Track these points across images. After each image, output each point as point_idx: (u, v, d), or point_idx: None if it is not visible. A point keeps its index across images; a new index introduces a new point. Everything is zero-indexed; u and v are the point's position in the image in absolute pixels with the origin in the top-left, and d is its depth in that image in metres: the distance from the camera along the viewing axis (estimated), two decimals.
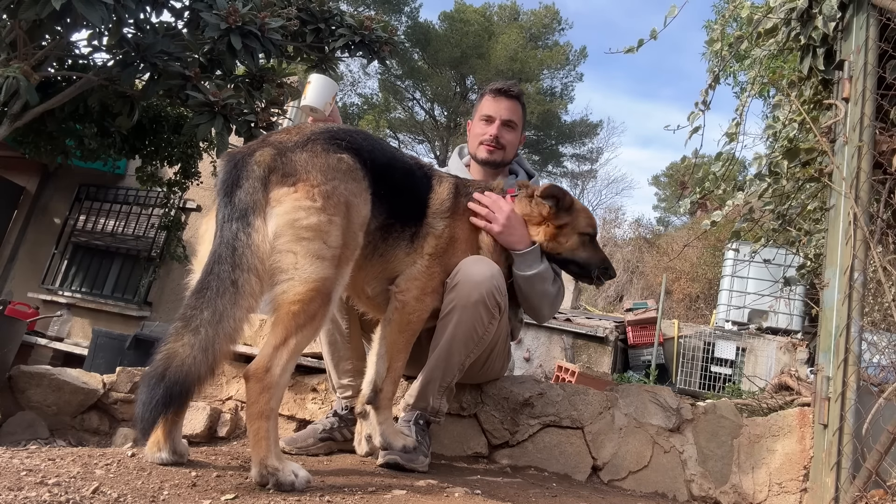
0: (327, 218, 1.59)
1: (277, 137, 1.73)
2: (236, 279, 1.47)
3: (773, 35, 2.59)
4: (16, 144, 6.09)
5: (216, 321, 1.43)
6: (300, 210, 1.56)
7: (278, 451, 1.51)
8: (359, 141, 1.84)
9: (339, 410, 2.30)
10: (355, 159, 1.75)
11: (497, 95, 2.57)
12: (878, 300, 2.22)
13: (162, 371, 1.40)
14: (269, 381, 1.47)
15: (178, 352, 1.42)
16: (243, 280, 1.48)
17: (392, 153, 2.02)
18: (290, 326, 1.51)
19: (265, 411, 1.47)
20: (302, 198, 1.57)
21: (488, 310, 2.04)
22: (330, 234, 1.59)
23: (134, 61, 4.42)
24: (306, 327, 1.54)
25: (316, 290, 1.54)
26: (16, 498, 1.16)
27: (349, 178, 1.70)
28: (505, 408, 2.50)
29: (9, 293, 8.89)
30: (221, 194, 1.57)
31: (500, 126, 2.51)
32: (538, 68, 23.82)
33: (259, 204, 1.55)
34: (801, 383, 3.49)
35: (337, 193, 1.63)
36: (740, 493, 2.28)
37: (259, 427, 1.46)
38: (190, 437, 2.55)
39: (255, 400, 1.47)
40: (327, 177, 1.63)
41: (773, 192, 2.63)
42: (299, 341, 1.53)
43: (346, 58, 6.55)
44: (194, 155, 7.63)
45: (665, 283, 10.27)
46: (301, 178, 1.60)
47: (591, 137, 26.34)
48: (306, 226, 1.56)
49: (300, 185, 1.59)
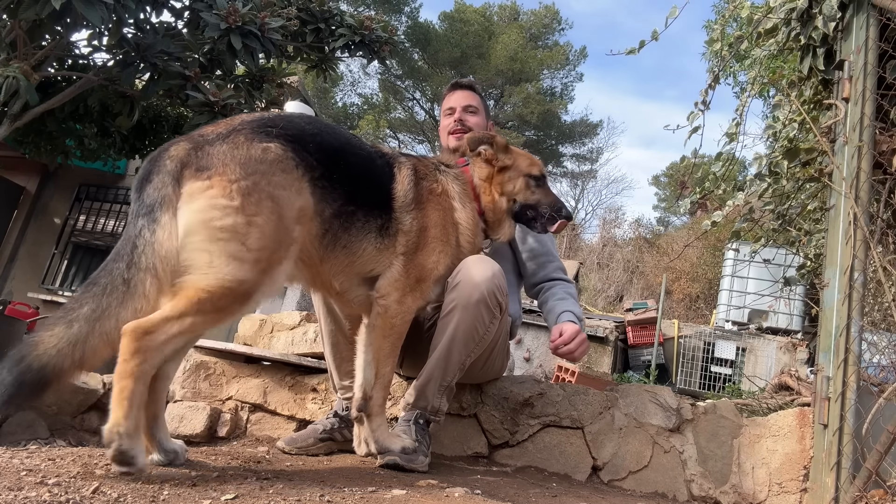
0: (246, 219, 1.49)
1: (202, 130, 1.63)
2: (129, 278, 1.41)
3: (773, 35, 2.59)
4: (16, 144, 6.09)
5: (94, 318, 1.38)
6: (214, 209, 1.47)
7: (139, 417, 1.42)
8: (298, 126, 1.74)
9: (339, 411, 2.30)
10: (287, 146, 1.63)
11: (452, 90, 2.75)
12: (878, 300, 2.22)
13: (21, 356, 1.35)
14: (146, 344, 1.39)
15: (44, 341, 1.37)
16: (137, 280, 1.41)
17: (347, 138, 1.93)
18: (192, 307, 1.44)
19: (133, 371, 1.38)
20: (217, 195, 1.47)
21: (489, 309, 2.04)
22: (249, 235, 1.50)
23: (134, 61, 4.42)
24: (209, 315, 1.46)
25: (230, 290, 1.47)
26: (16, 498, 1.16)
27: (276, 170, 1.58)
28: (505, 408, 2.50)
29: (9, 293, 8.90)
30: (134, 190, 1.51)
31: (461, 111, 2.66)
32: (538, 68, 23.84)
33: (167, 199, 1.46)
34: (801, 383, 3.49)
35: (259, 189, 1.52)
36: (740, 493, 2.28)
37: (123, 386, 1.38)
38: (190, 437, 2.55)
39: (127, 359, 1.38)
40: (248, 170, 1.52)
41: (773, 192, 2.63)
42: (195, 323, 1.45)
43: (346, 58, 6.56)
44: None
45: (665, 283, 10.27)
46: (217, 171, 1.50)
47: (591, 137, 26.36)
48: (221, 227, 1.47)
49: (216, 180, 1.49)
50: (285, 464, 1.95)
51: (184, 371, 2.75)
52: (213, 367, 2.76)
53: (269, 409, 2.68)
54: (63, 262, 9.36)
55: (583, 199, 28.12)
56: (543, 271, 2.60)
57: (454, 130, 2.64)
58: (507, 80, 23.25)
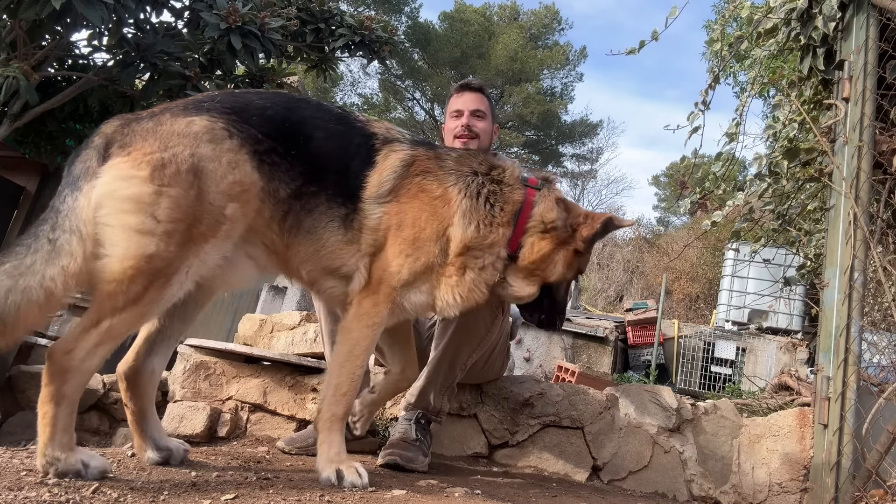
0: (154, 188, 1.42)
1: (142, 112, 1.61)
2: (55, 239, 1.40)
3: (773, 35, 2.59)
4: (16, 144, 6.09)
5: (17, 274, 1.36)
6: (119, 180, 1.42)
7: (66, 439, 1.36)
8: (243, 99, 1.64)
9: None
10: (218, 118, 1.54)
11: (461, 91, 2.65)
12: (878, 300, 2.22)
13: None
14: (66, 365, 1.36)
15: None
16: (63, 241, 1.39)
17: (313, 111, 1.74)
18: (103, 307, 1.39)
19: (54, 395, 1.35)
20: (127, 167, 1.43)
21: (491, 309, 2.04)
22: (158, 206, 1.41)
23: (134, 61, 4.42)
24: (126, 310, 1.39)
25: (136, 268, 1.38)
26: (16, 498, 1.16)
27: (201, 142, 1.50)
28: (505, 408, 2.50)
29: None
30: (66, 168, 1.51)
31: (469, 116, 2.57)
32: (538, 68, 23.82)
33: (90, 170, 1.46)
34: (801, 383, 3.49)
35: (177, 160, 1.45)
36: (740, 493, 2.28)
37: (45, 412, 1.34)
38: (190, 437, 2.55)
39: (47, 382, 1.35)
40: (168, 143, 1.47)
41: (773, 192, 2.64)
42: (115, 324, 1.39)
43: (346, 58, 6.55)
44: None
45: (665, 283, 10.27)
46: (136, 147, 1.46)
47: (591, 137, 26.34)
48: (124, 196, 1.41)
49: (133, 155, 1.45)
50: (285, 464, 1.95)
51: (184, 371, 2.75)
52: (213, 367, 2.76)
53: (269, 409, 2.67)
54: None
55: (583, 199, 28.11)
56: None
57: (461, 135, 2.55)
58: (507, 80, 23.24)
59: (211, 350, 2.77)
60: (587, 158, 27.31)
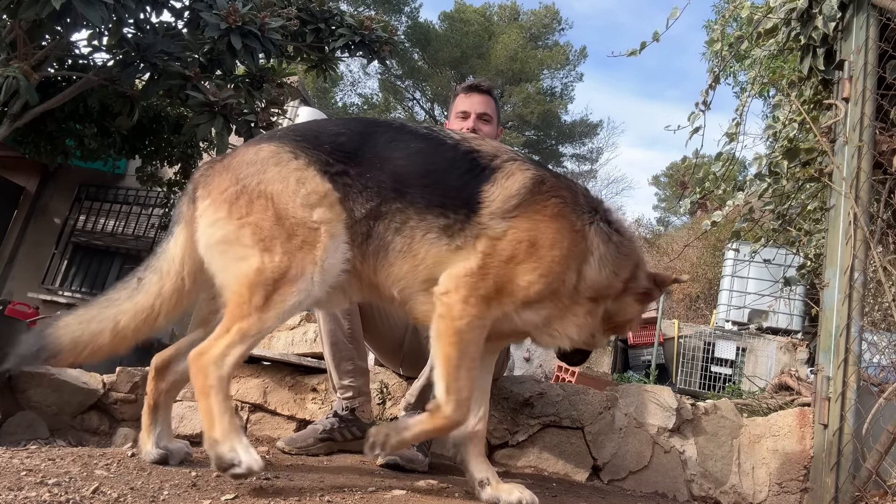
0: (235, 224, 1.56)
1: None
2: (143, 277, 1.63)
3: (773, 35, 2.59)
4: (16, 144, 6.09)
5: (104, 305, 1.60)
6: (208, 227, 1.59)
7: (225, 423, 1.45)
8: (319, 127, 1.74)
9: (339, 411, 2.30)
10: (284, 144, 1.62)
11: (469, 92, 2.60)
12: (878, 300, 2.22)
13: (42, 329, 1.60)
14: (203, 363, 1.49)
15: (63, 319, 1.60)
16: (147, 280, 1.62)
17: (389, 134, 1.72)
18: (233, 315, 1.53)
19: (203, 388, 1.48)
20: (211, 212, 1.59)
21: None
22: (244, 235, 1.55)
23: (134, 61, 4.42)
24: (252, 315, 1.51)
25: (251, 283, 1.52)
26: (16, 498, 1.16)
27: (267, 166, 1.60)
28: (505, 408, 2.50)
29: (9, 293, 8.89)
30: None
31: (475, 119, 2.53)
32: (538, 68, 23.82)
33: (182, 215, 1.66)
34: (801, 383, 3.49)
35: (248, 190, 1.57)
36: (740, 493, 2.28)
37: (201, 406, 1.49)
38: (190, 437, 2.55)
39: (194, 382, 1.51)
40: (238, 175, 1.60)
41: (773, 192, 2.63)
42: (244, 327, 1.51)
43: (346, 58, 6.56)
44: (194, 155, 7.63)
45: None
46: (213, 186, 1.61)
47: (591, 137, 26.33)
48: (215, 242, 1.58)
49: (213, 196, 1.60)
50: (285, 464, 1.95)
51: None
52: None
53: (269, 409, 2.67)
54: (63, 262, 9.36)
55: None
56: None
57: None
58: (507, 80, 23.24)
59: None
60: (587, 158, 27.29)
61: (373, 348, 2.47)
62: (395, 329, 2.38)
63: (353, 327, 2.25)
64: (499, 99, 2.75)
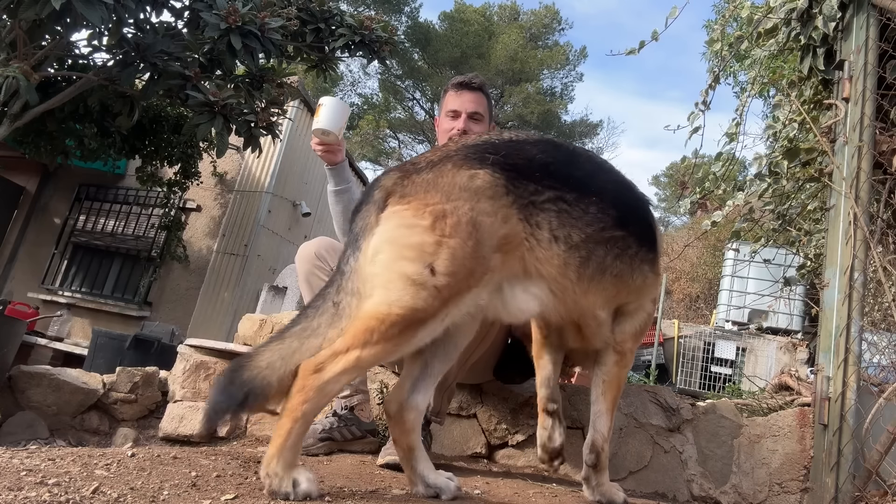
0: (435, 238, 1.42)
1: (417, 157, 1.59)
2: (339, 301, 1.44)
3: (773, 35, 2.59)
4: (16, 144, 6.10)
5: (305, 336, 1.42)
6: (402, 227, 1.44)
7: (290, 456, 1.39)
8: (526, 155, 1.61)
9: (338, 410, 2.30)
10: (500, 173, 1.52)
11: (460, 89, 2.52)
12: (878, 300, 2.22)
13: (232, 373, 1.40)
14: (311, 383, 1.39)
15: (260, 353, 1.42)
16: (345, 303, 1.44)
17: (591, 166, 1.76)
18: (358, 339, 1.40)
19: (293, 411, 1.38)
20: (409, 215, 1.44)
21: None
22: (438, 256, 1.42)
23: (134, 61, 4.42)
24: (377, 346, 1.40)
25: (401, 318, 1.40)
26: (16, 498, 1.16)
27: (480, 196, 1.48)
28: (505, 408, 2.50)
29: (9, 293, 8.90)
30: (350, 220, 1.55)
31: (466, 119, 2.47)
32: (538, 68, 23.83)
33: (369, 227, 1.48)
34: (801, 383, 3.48)
35: (458, 213, 1.44)
36: (740, 493, 2.28)
37: (281, 424, 1.39)
38: (190, 437, 2.55)
39: (291, 396, 1.39)
40: (449, 196, 1.46)
41: (773, 192, 2.63)
42: (362, 357, 1.40)
43: (346, 58, 6.57)
44: (194, 155, 7.64)
45: (665, 283, 10.27)
46: (417, 197, 1.47)
47: (591, 137, 26.33)
48: (407, 244, 1.42)
49: (413, 204, 1.46)
50: None
51: (184, 371, 2.75)
52: (213, 367, 2.76)
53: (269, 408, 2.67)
54: (63, 262, 9.36)
55: None
56: None
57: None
58: (507, 80, 23.25)
59: (211, 350, 2.77)
60: None
61: None
62: None
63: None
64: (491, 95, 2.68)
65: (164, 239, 8.81)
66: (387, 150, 25.49)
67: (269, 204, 9.04)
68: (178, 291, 8.87)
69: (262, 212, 8.94)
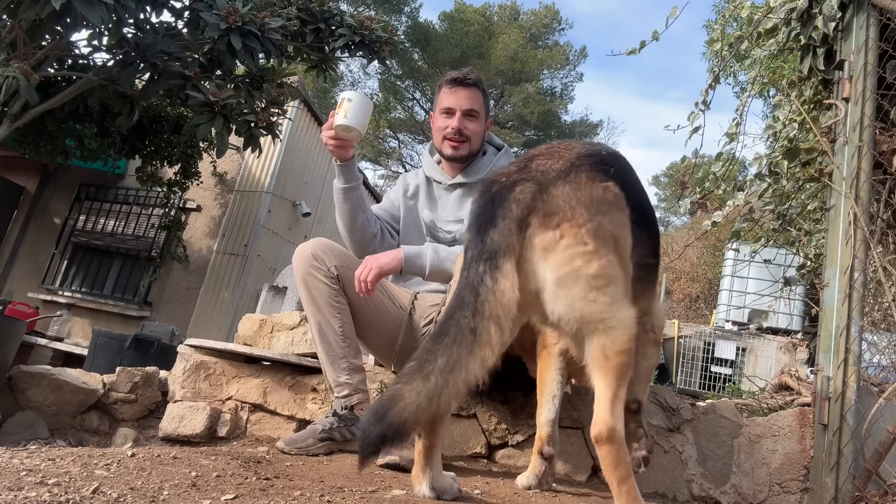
0: (606, 260, 1.43)
1: (539, 165, 1.55)
2: (475, 326, 1.36)
3: (773, 35, 2.59)
4: (16, 144, 6.10)
5: (448, 370, 1.34)
6: (576, 258, 1.41)
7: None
8: (625, 166, 1.70)
9: (338, 410, 2.30)
10: (620, 186, 1.56)
11: (454, 86, 2.44)
12: (878, 300, 2.22)
13: (384, 411, 1.33)
14: (621, 438, 1.39)
15: (404, 395, 1.34)
16: (482, 328, 1.36)
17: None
18: (620, 379, 1.41)
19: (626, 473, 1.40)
20: (572, 243, 1.42)
21: None
22: (616, 274, 1.45)
23: (134, 61, 4.43)
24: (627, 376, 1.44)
25: (632, 335, 1.42)
26: (16, 498, 1.16)
27: (614, 209, 1.52)
28: (505, 408, 2.50)
29: (9, 293, 8.90)
30: (473, 230, 1.46)
31: (461, 117, 2.40)
32: (538, 68, 23.85)
33: (512, 247, 1.40)
34: (801, 383, 3.48)
35: (603, 229, 1.45)
36: (740, 493, 2.28)
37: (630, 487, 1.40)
38: (190, 437, 2.55)
39: (619, 462, 1.39)
40: (591, 212, 1.45)
41: (773, 192, 2.63)
42: (623, 392, 1.43)
43: (346, 58, 6.57)
44: (194, 155, 7.65)
45: (665, 283, 10.27)
46: (564, 217, 1.43)
47: (591, 137, 26.33)
48: (593, 274, 1.41)
49: (564, 228, 1.43)
50: (285, 464, 1.95)
51: (184, 371, 2.75)
52: (213, 367, 2.76)
53: (269, 409, 2.67)
54: (63, 262, 9.36)
55: None
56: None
57: (451, 138, 2.43)
58: (507, 80, 23.26)
59: (211, 350, 2.77)
60: None
61: (366, 346, 2.47)
62: (389, 327, 2.38)
63: (344, 326, 2.25)
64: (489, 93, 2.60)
65: (164, 239, 8.82)
66: (387, 150, 25.51)
67: (269, 204, 9.04)
68: (178, 291, 8.88)
69: (262, 212, 8.94)
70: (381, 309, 2.36)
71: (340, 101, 2.19)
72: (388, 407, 1.33)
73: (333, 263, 2.25)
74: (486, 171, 2.47)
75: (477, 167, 2.51)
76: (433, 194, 2.57)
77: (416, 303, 2.43)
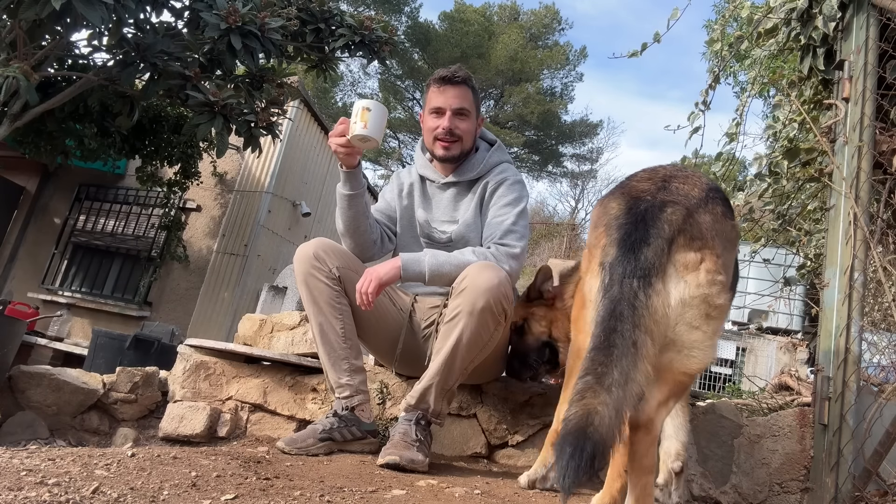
0: (730, 297, 1.51)
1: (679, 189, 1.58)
2: (636, 340, 1.38)
3: (773, 35, 2.59)
4: (16, 144, 6.10)
5: (624, 382, 1.34)
6: (713, 286, 1.45)
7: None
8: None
9: (338, 411, 2.30)
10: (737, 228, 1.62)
11: (442, 84, 2.39)
12: (878, 300, 2.22)
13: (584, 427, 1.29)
14: (655, 435, 1.44)
15: (597, 410, 1.30)
16: (641, 342, 1.39)
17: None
18: (675, 391, 1.48)
19: (652, 465, 1.44)
20: (713, 271, 1.45)
21: (494, 317, 2.04)
22: (727, 312, 1.51)
23: (134, 61, 4.43)
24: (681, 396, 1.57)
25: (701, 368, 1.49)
26: (16, 498, 1.16)
27: (734, 249, 1.59)
28: (505, 408, 2.50)
29: (9, 293, 8.89)
30: (624, 246, 1.47)
31: (451, 117, 2.36)
32: (538, 68, 23.86)
33: (662, 266, 1.44)
34: (801, 383, 3.49)
35: (728, 265, 1.52)
36: (740, 493, 2.28)
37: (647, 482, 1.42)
38: (190, 437, 2.55)
39: (646, 452, 1.41)
40: (725, 247, 1.51)
41: (773, 192, 2.63)
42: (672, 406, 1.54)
43: (346, 58, 6.57)
44: (194, 155, 7.65)
45: None
46: (707, 245, 1.47)
47: (591, 137, 26.35)
48: (717, 305, 1.45)
49: (706, 254, 1.46)
50: (285, 464, 1.95)
51: (184, 371, 2.75)
52: (213, 367, 2.76)
53: (269, 409, 2.67)
54: (63, 262, 9.36)
55: (583, 198, 28.10)
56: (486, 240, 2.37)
57: (442, 139, 2.38)
58: (507, 80, 23.27)
59: (211, 350, 2.77)
60: (587, 158, 27.32)
61: (367, 347, 2.47)
62: (390, 328, 2.38)
63: (345, 327, 2.25)
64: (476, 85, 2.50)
65: (164, 239, 8.82)
66: (387, 150, 25.50)
67: (269, 204, 9.04)
68: (178, 291, 8.88)
69: (262, 212, 8.94)
70: (382, 310, 2.36)
71: (358, 110, 2.12)
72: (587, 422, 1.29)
73: (335, 264, 2.24)
74: (479, 167, 2.45)
75: (470, 165, 2.47)
76: (427, 193, 2.54)
77: (416, 305, 2.43)
